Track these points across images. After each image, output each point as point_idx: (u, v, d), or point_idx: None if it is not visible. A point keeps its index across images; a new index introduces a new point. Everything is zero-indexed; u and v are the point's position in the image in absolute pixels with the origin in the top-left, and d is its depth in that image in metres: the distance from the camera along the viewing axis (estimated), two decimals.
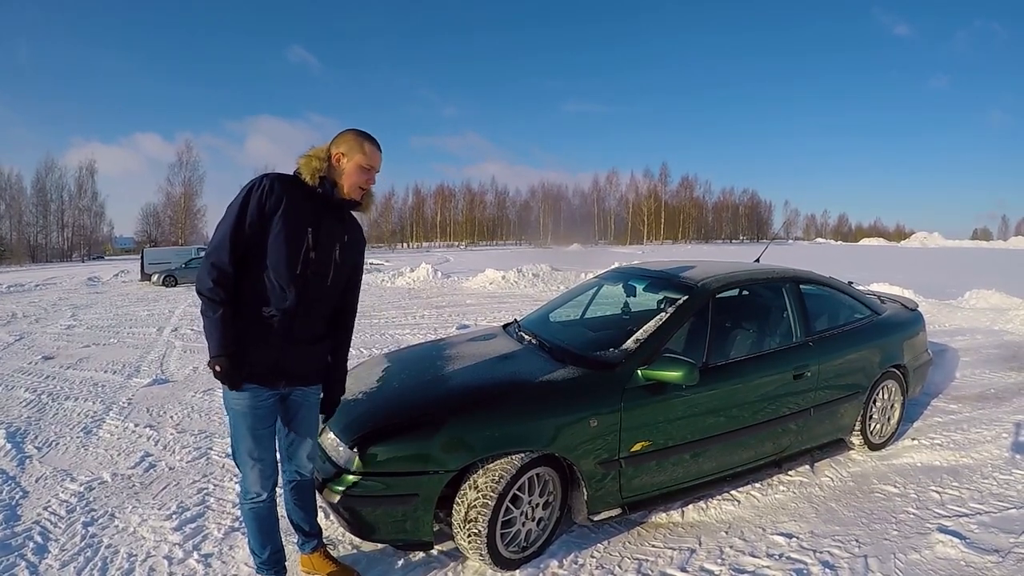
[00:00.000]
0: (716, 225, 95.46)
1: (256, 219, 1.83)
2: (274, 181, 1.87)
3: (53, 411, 4.42)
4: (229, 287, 1.83)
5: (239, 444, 1.96)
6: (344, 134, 2.00)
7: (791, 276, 3.38)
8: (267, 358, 1.90)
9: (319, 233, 1.92)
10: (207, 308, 1.82)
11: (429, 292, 13.08)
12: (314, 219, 1.92)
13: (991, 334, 7.38)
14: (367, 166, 1.97)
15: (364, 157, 1.96)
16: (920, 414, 4.17)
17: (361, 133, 2.01)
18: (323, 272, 1.96)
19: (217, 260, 1.82)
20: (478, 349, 3.02)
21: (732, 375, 2.81)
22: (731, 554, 2.45)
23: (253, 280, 1.87)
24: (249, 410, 1.91)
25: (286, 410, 2.05)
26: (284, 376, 1.96)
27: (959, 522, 2.68)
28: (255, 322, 1.88)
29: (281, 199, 1.85)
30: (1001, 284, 11.15)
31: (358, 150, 1.96)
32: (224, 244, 1.81)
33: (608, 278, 3.86)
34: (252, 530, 2.06)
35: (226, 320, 1.82)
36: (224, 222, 1.85)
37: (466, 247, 69.11)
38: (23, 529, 2.64)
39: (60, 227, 54.78)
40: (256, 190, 1.84)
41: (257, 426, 1.93)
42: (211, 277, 1.81)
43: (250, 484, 1.98)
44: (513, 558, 2.32)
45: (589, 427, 2.39)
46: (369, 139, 2.00)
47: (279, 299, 1.89)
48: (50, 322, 9.47)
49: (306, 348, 1.99)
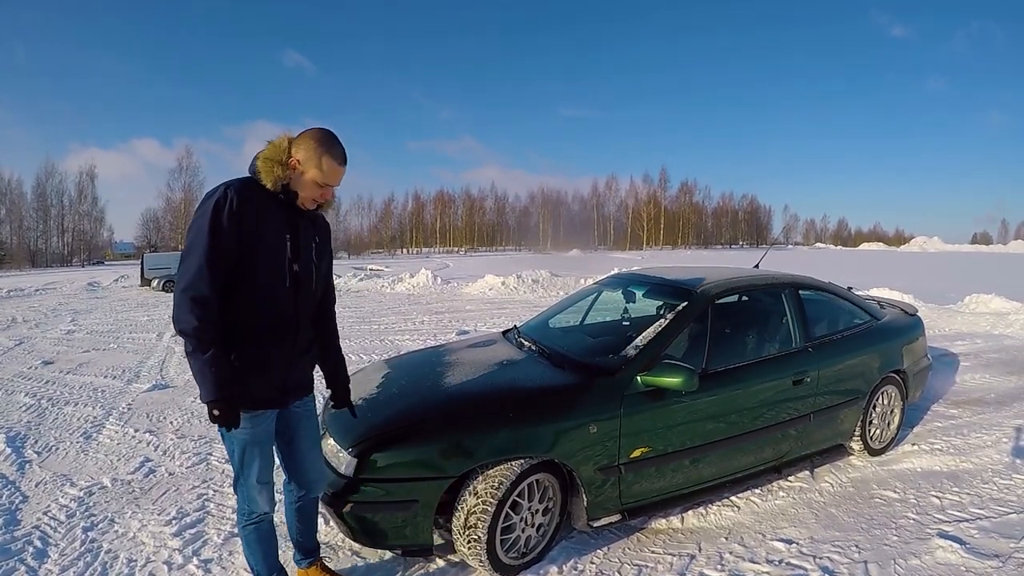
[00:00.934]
0: (716, 230, 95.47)
1: (233, 238, 1.66)
2: (239, 191, 1.69)
3: (53, 416, 4.42)
4: (215, 321, 1.65)
5: (247, 470, 1.85)
6: (306, 137, 1.78)
7: (790, 282, 3.39)
8: (274, 381, 1.83)
9: (296, 239, 1.81)
10: (195, 349, 1.63)
11: (429, 298, 13.08)
12: (288, 225, 1.80)
13: (991, 339, 7.39)
14: (323, 183, 1.79)
15: (320, 174, 1.77)
16: (920, 419, 4.17)
17: (323, 142, 1.78)
18: (307, 278, 1.87)
19: (196, 293, 1.62)
20: (478, 355, 3.02)
21: (732, 381, 2.81)
22: (731, 560, 2.44)
23: (240, 303, 1.72)
24: (253, 436, 1.82)
25: (287, 425, 1.97)
26: (292, 392, 1.92)
27: (959, 527, 2.68)
28: (253, 348, 1.76)
29: (254, 211, 1.70)
30: (1001, 288, 11.15)
31: (315, 165, 1.76)
32: (202, 274, 1.62)
33: (608, 284, 3.87)
34: (254, 550, 1.98)
35: (219, 359, 1.65)
36: (194, 249, 1.64)
37: (466, 253, 69.14)
38: (23, 534, 2.64)
39: (60, 232, 54.79)
40: (223, 206, 1.65)
41: (263, 451, 1.86)
42: (194, 315, 1.61)
43: (256, 505, 1.90)
44: (513, 564, 2.32)
45: (589, 433, 2.39)
46: (331, 152, 1.78)
47: (275, 316, 1.78)
48: (50, 327, 9.47)
49: (304, 358, 1.96)
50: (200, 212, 1.68)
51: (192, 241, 1.66)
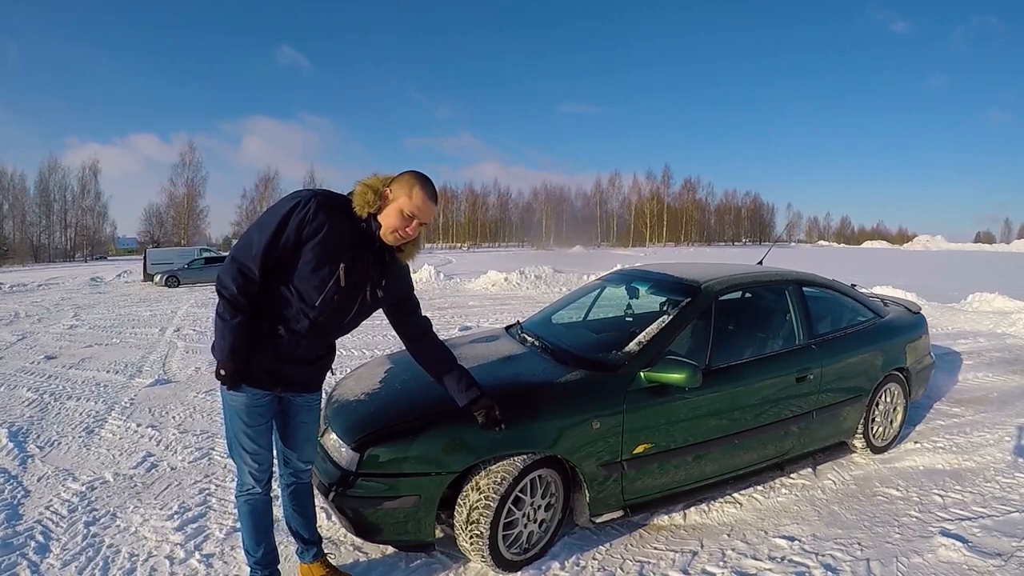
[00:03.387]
0: (718, 228, 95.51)
1: (292, 240, 1.77)
2: (320, 206, 1.77)
3: (55, 411, 4.42)
4: (252, 297, 1.80)
5: (234, 438, 1.95)
6: (404, 173, 1.89)
7: (794, 279, 3.37)
8: (266, 367, 1.89)
9: (352, 270, 1.85)
10: (226, 311, 1.78)
11: (432, 293, 13.08)
12: (350, 255, 1.84)
13: (994, 337, 7.37)
14: (408, 213, 1.83)
15: (408, 202, 1.82)
16: (923, 417, 4.16)
17: (418, 176, 1.87)
18: (345, 309, 1.91)
19: (246, 268, 1.77)
20: (480, 351, 3.02)
21: (735, 378, 2.81)
22: (733, 557, 2.44)
23: (271, 295, 1.84)
24: (244, 407, 1.90)
25: (284, 411, 2.04)
26: (281, 384, 1.96)
27: (961, 525, 2.67)
28: (263, 334, 1.86)
29: (322, 227, 1.77)
30: (1004, 287, 11.13)
31: (405, 193, 1.83)
32: (257, 254, 1.76)
33: (611, 280, 3.86)
34: (246, 525, 2.04)
35: (242, 327, 1.79)
36: (261, 231, 1.77)
37: (469, 249, 69.12)
38: (25, 528, 2.65)
39: (63, 227, 54.97)
40: (299, 210, 1.75)
41: (252, 422, 1.93)
42: (236, 284, 1.76)
43: (244, 476, 1.98)
44: (515, 560, 2.32)
45: (591, 429, 2.39)
46: (422, 184, 1.86)
47: (293, 320, 1.87)
48: (53, 322, 9.49)
49: (304, 365, 1.98)
50: (280, 204, 1.80)
51: (261, 224, 1.79)
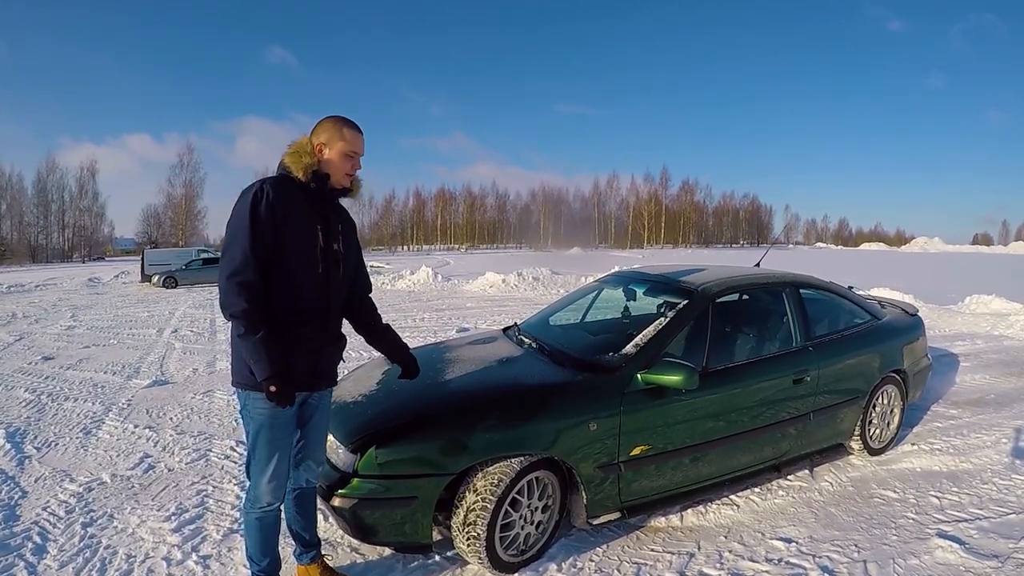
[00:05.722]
0: (716, 230, 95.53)
1: (270, 228, 1.79)
2: (275, 186, 1.83)
3: (53, 411, 4.42)
4: (261, 304, 1.79)
5: (260, 453, 1.91)
6: (322, 123, 1.96)
7: (791, 281, 3.38)
8: (307, 363, 1.91)
9: (327, 228, 1.93)
10: (246, 331, 1.76)
11: (429, 295, 13.08)
12: (319, 216, 1.92)
13: (991, 339, 7.38)
14: (350, 152, 1.94)
15: (346, 144, 1.93)
16: (920, 419, 4.17)
17: (339, 119, 1.97)
18: (338, 265, 1.98)
19: (243, 279, 1.76)
20: (478, 352, 3.02)
21: (732, 379, 2.81)
22: (730, 558, 2.44)
23: (277, 289, 1.84)
24: (272, 419, 1.88)
25: (301, 415, 2.03)
26: (323, 377, 1.99)
27: (958, 527, 2.68)
28: (289, 330, 1.86)
29: (290, 203, 1.83)
30: (1001, 289, 11.14)
31: (338, 137, 1.92)
32: (247, 261, 1.76)
33: (608, 282, 3.87)
34: (255, 539, 2.02)
35: (268, 339, 1.78)
36: (238, 239, 1.78)
37: (466, 250, 69.14)
38: (22, 529, 2.64)
39: (61, 228, 54.79)
40: (261, 199, 1.79)
41: (280, 435, 1.91)
42: (243, 299, 1.75)
43: (263, 494, 1.93)
44: (512, 561, 2.32)
45: (588, 431, 2.39)
46: (348, 124, 1.96)
47: (309, 301, 1.89)
48: (50, 323, 9.48)
49: (335, 345, 2.03)
50: (239, 206, 1.81)
51: (234, 232, 1.80)
